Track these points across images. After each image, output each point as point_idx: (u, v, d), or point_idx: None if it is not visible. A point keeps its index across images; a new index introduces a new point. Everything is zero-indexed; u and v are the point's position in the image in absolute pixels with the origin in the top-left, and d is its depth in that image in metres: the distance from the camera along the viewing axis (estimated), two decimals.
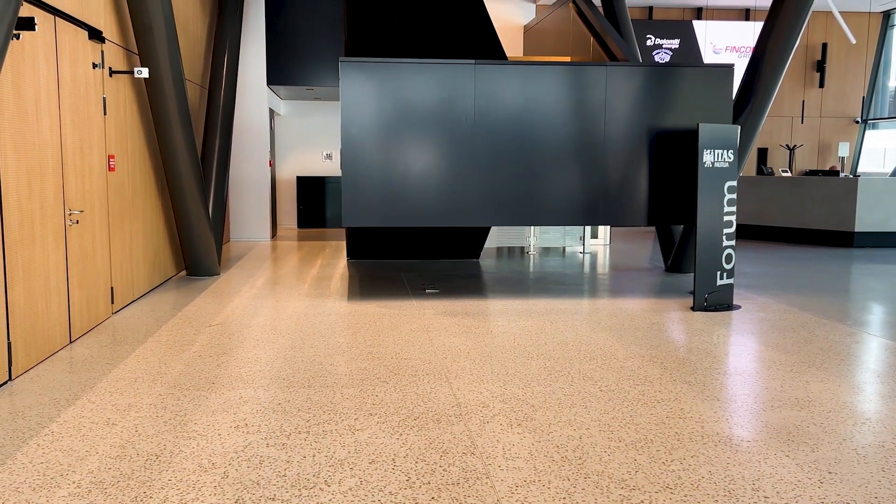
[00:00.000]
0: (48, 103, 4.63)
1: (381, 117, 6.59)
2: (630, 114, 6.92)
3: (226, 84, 9.35)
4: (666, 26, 15.33)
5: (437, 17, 10.18)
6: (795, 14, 7.51)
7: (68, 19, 5.00)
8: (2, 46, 3.33)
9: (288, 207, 13.78)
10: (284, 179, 13.68)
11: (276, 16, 11.21)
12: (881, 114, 16.59)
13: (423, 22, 10.09)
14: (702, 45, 15.25)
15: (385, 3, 10.16)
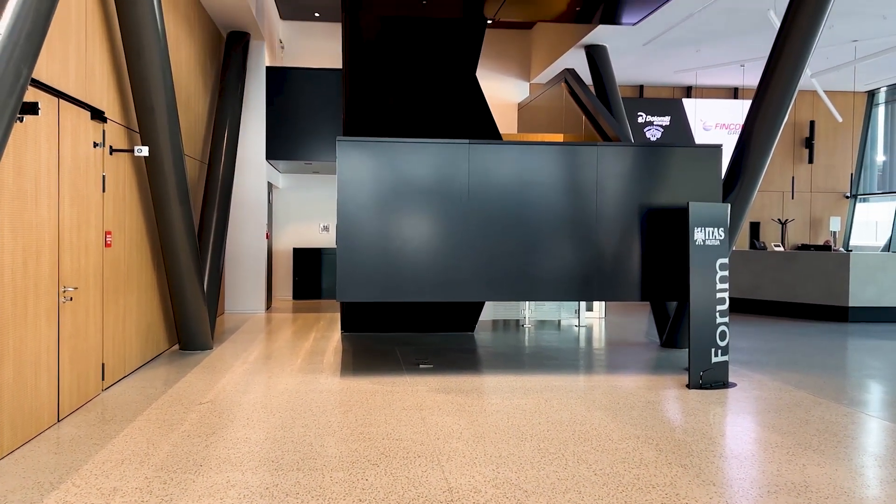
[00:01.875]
0: (48, 183, 4.70)
1: (377, 194, 6.68)
2: (621, 191, 7.03)
3: (225, 159, 9.51)
4: (657, 104, 15.71)
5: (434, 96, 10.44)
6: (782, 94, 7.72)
7: (72, 101, 5.13)
8: (5, 131, 3.41)
9: (284, 279, 13.80)
10: (281, 251, 13.76)
11: (277, 93, 11.49)
12: (870, 189, 16.85)
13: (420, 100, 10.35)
14: (692, 122, 15.61)
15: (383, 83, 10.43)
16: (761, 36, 11.63)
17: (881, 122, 16.73)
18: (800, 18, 7.45)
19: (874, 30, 11.61)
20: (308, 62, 13.65)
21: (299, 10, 13.44)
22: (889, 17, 10.90)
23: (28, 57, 3.55)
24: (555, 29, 13.51)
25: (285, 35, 14.25)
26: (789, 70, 7.62)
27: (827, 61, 13.34)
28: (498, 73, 15.36)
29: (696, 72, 14.63)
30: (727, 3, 10.16)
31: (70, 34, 5.11)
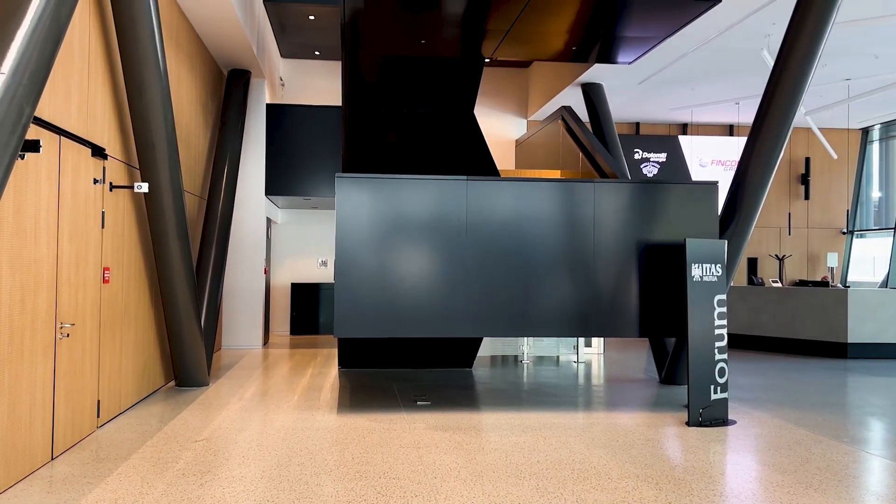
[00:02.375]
0: (47, 219, 4.72)
1: (375, 231, 6.71)
2: (619, 228, 7.06)
3: (224, 195, 9.56)
4: (653, 141, 15.86)
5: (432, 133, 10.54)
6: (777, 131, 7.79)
7: (73, 138, 5.17)
8: (6, 169, 3.44)
9: (281, 314, 13.77)
10: (279, 286, 13.74)
11: (277, 129, 11.59)
12: (866, 225, 16.93)
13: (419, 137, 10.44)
14: (688, 158, 15.73)
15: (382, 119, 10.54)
16: (755, 74, 11.79)
17: (876, 159, 16.89)
18: (793, 58, 7.56)
19: (866, 69, 11.78)
20: (308, 99, 13.79)
21: (300, 49, 13.62)
22: (881, 56, 11.06)
23: (31, 96, 3.60)
24: (551, 67, 13.70)
25: (286, 73, 14.43)
26: (783, 108, 7.71)
27: (821, 99, 13.51)
28: (496, 109, 15.52)
29: (691, 109, 14.80)
30: (721, 43, 10.32)
31: (73, 72, 5.18)
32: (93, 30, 5.57)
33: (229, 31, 8.83)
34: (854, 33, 9.97)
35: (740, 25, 9.49)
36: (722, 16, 8.98)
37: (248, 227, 11.34)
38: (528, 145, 14.94)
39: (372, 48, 9.54)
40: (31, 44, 3.58)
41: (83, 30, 5.37)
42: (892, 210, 16.32)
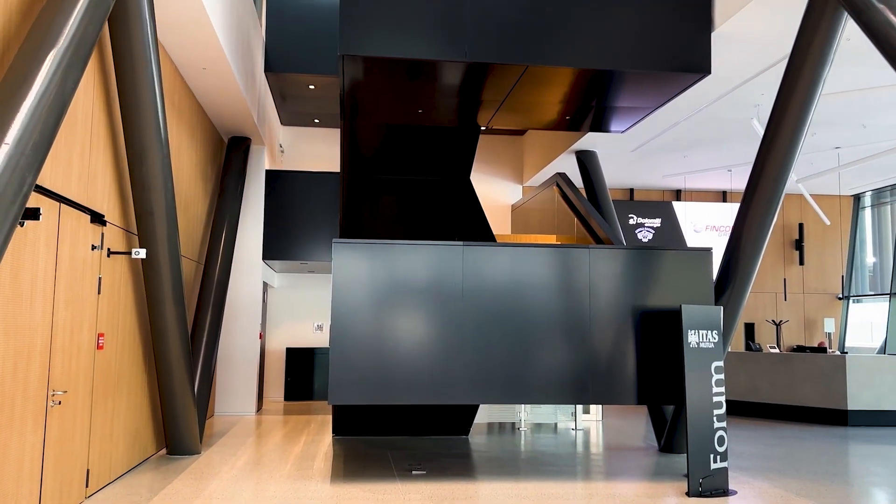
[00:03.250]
0: (44, 286, 4.73)
1: (372, 296, 6.72)
2: (615, 293, 7.08)
3: (221, 260, 9.59)
4: (647, 206, 16.04)
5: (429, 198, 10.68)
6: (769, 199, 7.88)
7: (73, 205, 5.23)
8: (6, 237, 3.47)
9: (276, 379, 13.63)
10: (274, 350, 13.65)
11: (276, 195, 11.71)
12: (862, 290, 16.98)
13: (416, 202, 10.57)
14: (682, 224, 15.88)
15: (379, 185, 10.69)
16: (746, 142, 12.02)
17: (868, 225, 17.06)
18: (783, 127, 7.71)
19: (855, 138, 12.02)
20: (307, 165, 13.98)
21: (300, 117, 13.89)
22: (868, 125, 11.31)
23: (34, 166, 3.66)
24: (546, 135, 13.96)
25: (285, 140, 14.67)
26: (775, 176, 7.82)
27: (811, 167, 13.73)
28: (492, 175, 15.74)
29: (684, 176, 15.02)
30: (711, 112, 10.55)
31: (75, 140, 5.27)
32: (96, 99, 5.69)
33: (231, 100, 9.02)
34: (841, 104, 10.21)
35: (730, 96, 9.73)
36: (712, 87, 9.21)
37: (245, 292, 11.33)
38: (523, 210, 15.09)
39: (370, 117, 9.73)
40: (35, 115, 3.66)
41: (87, 99, 5.49)
42: (886, 275, 16.39)
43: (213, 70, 7.99)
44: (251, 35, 9.64)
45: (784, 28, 7.43)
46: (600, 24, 7.63)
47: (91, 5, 4.26)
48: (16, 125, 3.54)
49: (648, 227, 15.79)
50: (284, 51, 11.14)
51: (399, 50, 7.40)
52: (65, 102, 3.98)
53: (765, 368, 11.81)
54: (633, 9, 7.63)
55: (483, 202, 13.05)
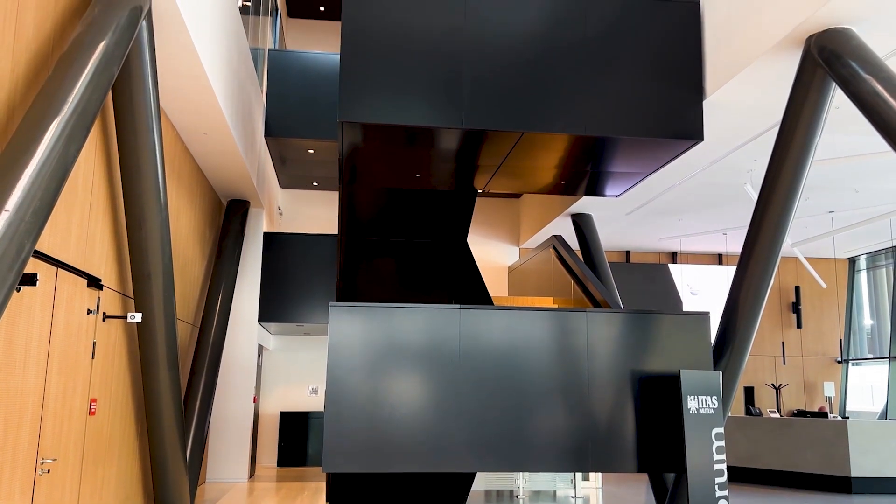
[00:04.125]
0: (38, 351, 4.69)
1: (367, 360, 6.66)
2: (613, 358, 7.03)
3: (217, 323, 9.55)
4: (643, 269, 16.08)
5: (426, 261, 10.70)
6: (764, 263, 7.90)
7: (70, 269, 5.23)
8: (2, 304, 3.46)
9: (269, 444, 13.39)
10: (267, 414, 13.45)
11: (273, 257, 11.74)
12: (861, 353, 16.90)
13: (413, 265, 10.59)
14: (679, 286, 15.90)
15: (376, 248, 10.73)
16: (740, 206, 12.14)
17: (865, 288, 17.09)
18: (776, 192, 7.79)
19: (848, 202, 12.16)
20: (305, 227, 14.06)
21: (298, 180, 14.03)
22: (861, 190, 11.45)
23: (33, 232, 3.68)
24: (542, 198, 14.10)
25: (284, 202, 14.79)
26: (770, 240, 7.87)
27: (806, 230, 13.84)
28: (489, 237, 15.83)
29: (679, 239, 15.11)
30: (705, 178, 10.69)
31: (75, 205, 5.31)
32: (97, 163, 5.76)
33: (231, 164, 9.14)
34: (833, 169, 10.36)
35: (723, 161, 9.87)
36: (705, 153, 9.36)
37: (240, 355, 11.24)
38: (520, 272, 15.11)
39: (368, 181, 9.83)
40: (36, 182, 3.70)
41: (88, 164, 5.56)
42: (884, 338, 16.34)
43: (214, 135, 8.11)
44: (252, 100, 9.83)
45: (774, 97, 7.60)
46: (594, 92, 7.80)
47: (95, 75, 4.36)
48: (17, 192, 3.58)
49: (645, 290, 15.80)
50: (284, 116, 11.33)
51: (397, 117, 7.52)
52: (66, 169, 4.02)
53: (765, 434, 11.65)
54: (626, 77, 7.81)
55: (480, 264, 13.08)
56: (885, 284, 16.54)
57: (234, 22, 8.04)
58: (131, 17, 4.90)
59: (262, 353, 12.70)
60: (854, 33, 6.11)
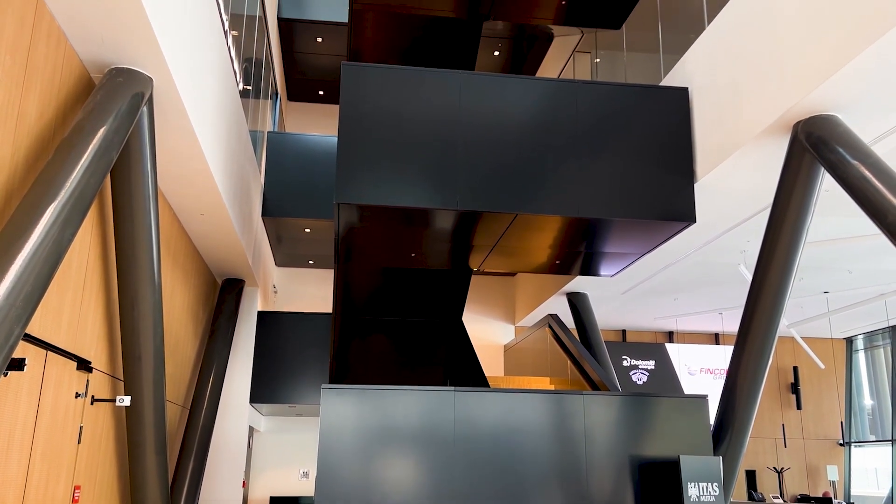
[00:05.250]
0: (22, 438, 4.58)
1: (360, 443, 6.52)
2: (610, 442, 6.89)
3: (207, 405, 9.39)
4: (640, 348, 15.98)
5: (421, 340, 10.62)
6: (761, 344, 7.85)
7: (59, 352, 5.16)
8: None
9: None
10: (257, 499, 13.06)
11: (267, 336, 11.63)
12: (862, 436, 16.62)
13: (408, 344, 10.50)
14: (676, 366, 15.77)
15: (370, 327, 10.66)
16: (735, 286, 12.16)
17: (863, 368, 16.96)
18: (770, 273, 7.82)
19: (842, 283, 12.20)
20: (299, 306, 14.01)
21: (294, 259, 14.07)
22: (854, 271, 11.50)
23: (23, 317, 3.65)
24: (537, 277, 14.13)
25: (279, 280, 14.78)
26: (766, 321, 7.84)
27: (801, 311, 13.83)
28: (484, 316, 15.77)
29: (675, 318, 15.08)
30: (699, 258, 10.75)
31: (68, 287, 5.28)
32: (92, 245, 5.77)
33: (227, 244, 9.17)
34: (826, 250, 10.44)
35: (716, 242, 9.95)
36: (698, 234, 9.43)
37: (230, 437, 10.99)
38: (516, 351, 14.99)
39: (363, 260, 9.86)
40: (29, 267, 3.69)
41: (83, 245, 5.56)
42: (886, 419, 16.11)
43: (211, 216, 8.16)
44: (250, 181, 9.95)
45: (764, 180, 7.71)
46: (587, 175, 7.91)
47: (94, 160, 4.42)
48: (8, 278, 3.56)
49: (643, 369, 15.66)
50: (282, 196, 11.45)
51: (393, 199, 7.60)
52: (60, 253, 4.02)
53: None
54: (618, 160, 7.95)
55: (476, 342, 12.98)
56: (884, 364, 16.42)
57: (235, 106, 8.22)
58: (133, 103, 5.00)
59: (252, 435, 12.42)
60: (840, 120, 6.26)
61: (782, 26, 6.41)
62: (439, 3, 9.07)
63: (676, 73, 8.46)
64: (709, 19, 7.94)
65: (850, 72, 5.65)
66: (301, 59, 14.04)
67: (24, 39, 4.30)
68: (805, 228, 7.16)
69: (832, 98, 6.06)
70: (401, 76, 7.75)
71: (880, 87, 5.85)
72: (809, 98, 6.08)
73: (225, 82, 7.56)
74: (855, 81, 5.79)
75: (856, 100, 6.07)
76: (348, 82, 7.61)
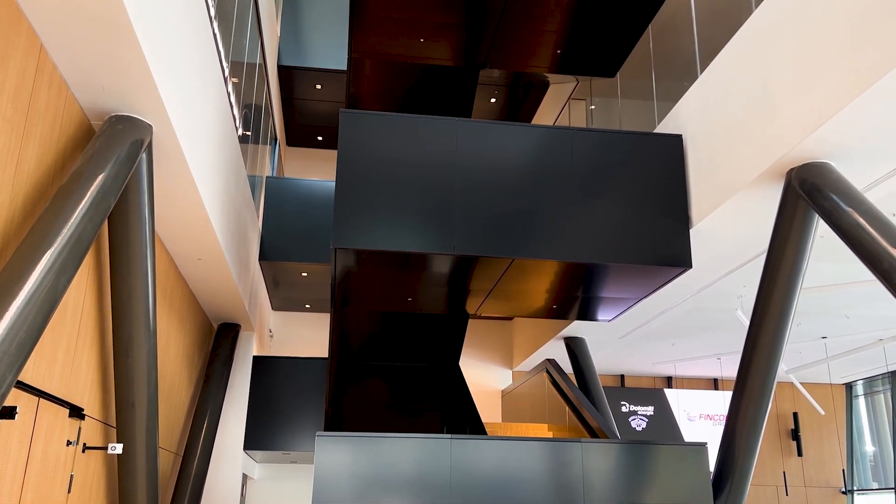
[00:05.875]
0: (11, 488, 4.50)
1: (355, 492, 6.42)
2: (609, 490, 6.80)
3: (201, 452, 9.26)
4: (639, 393, 15.86)
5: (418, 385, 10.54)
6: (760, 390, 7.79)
7: (52, 399, 5.11)
8: None
9: None
10: None
11: (262, 382, 11.52)
12: (865, 482, 16.39)
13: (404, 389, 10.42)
14: (675, 412, 15.63)
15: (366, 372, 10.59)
16: (733, 331, 12.13)
17: (864, 414, 16.81)
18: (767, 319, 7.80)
19: (840, 328, 12.17)
20: (295, 350, 13.92)
21: (291, 303, 14.04)
22: (852, 316, 11.49)
23: (15, 365, 3.62)
24: (535, 321, 14.08)
25: (275, 324, 14.72)
26: (764, 367, 7.80)
27: (800, 356, 13.77)
28: (481, 360, 15.67)
29: (674, 363, 15.00)
30: (696, 303, 10.74)
31: (62, 334, 5.25)
32: (88, 291, 5.76)
33: (223, 289, 9.15)
34: (823, 296, 10.44)
35: (713, 287, 9.95)
36: (694, 279, 9.44)
37: (223, 486, 10.81)
38: (513, 396, 14.86)
39: (360, 304, 9.84)
40: (23, 315, 3.67)
41: (79, 292, 5.55)
42: (888, 466, 15.91)
43: (208, 261, 8.17)
44: (248, 225, 9.98)
45: (759, 226, 7.75)
46: (583, 220, 7.96)
47: (92, 207, 4.44)
48: (2, 325, 3.54)
49: (641, 415, 15.52)
50: (279, 240, 11.47)
51: (390, 243, 7.63)
52: (55, 301, 4.01)
53: None
54: (613, 206, 8.00)
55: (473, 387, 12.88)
56: (885, 410, 16.29)
57: (234, 151, 8.30)
58: (132, 150, 5.05)
59: (246, 482, 12.22)
60: (833, 167, 6.32)
61: (774, 75, 6.52)
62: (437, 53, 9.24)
63: (670, 120, 8.58)
64: (701, 68, 8.08)
65: (841, 120, 5.73)
66: (300, 105, 14.22)
67: (27, 88, 4.36)
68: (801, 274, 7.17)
69: (825, 146, 6.13)
70: (398, 123, 7.84)
71: (872, 135, 5.93)
72: (802, 146, 6.15)
73: (224, 128, 7.64)
74: (847, 129, 5.87)
75: (848, 147, 6.14)
76: (346, 129, 7.70)
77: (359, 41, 8.90)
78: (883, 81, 5.21)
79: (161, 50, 4.91)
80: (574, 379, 12.66)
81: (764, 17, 6.75)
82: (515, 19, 8.58)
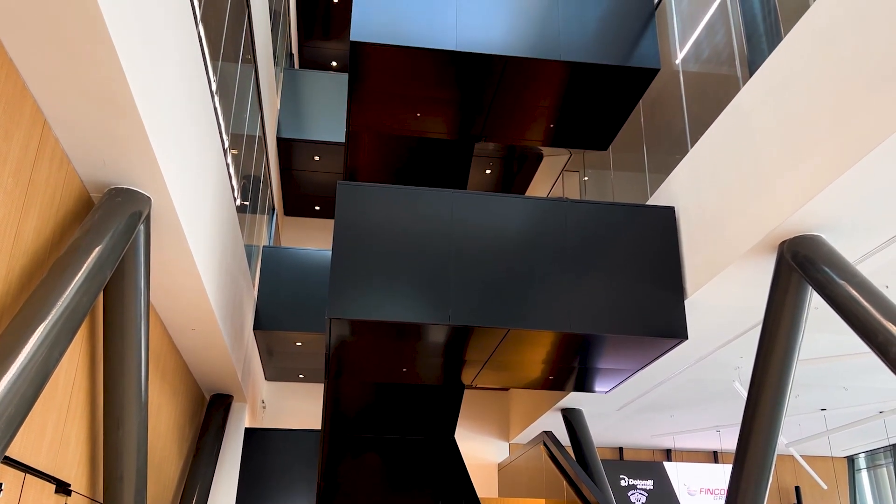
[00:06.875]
0: None
1: None
2: None
3: None
4: (638, 467, 15.56)
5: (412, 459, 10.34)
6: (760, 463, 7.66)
7: (39, 475, 5.00)
8: None
9: None
10: None
11: (253, 454, 11.31)
12: None
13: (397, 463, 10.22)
14: (675, 485, 15.31)
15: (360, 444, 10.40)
16: (731, 403, 12.01)
17: (867, 488, 16.48)
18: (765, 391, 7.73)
19: (840, 400, 12.06)
20: (288, 421, 13.71)
21: (284, 373, 13.90)
22: (850, 388, 11.40)
23: (3, 441, 3.56)
24: (531, 392, 13.93)
25: (268, 394, 14.53)
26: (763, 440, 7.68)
27: (800, 428, 13.60)
28: (477, 432, 15.43)
29: (673, 436, 14.77)
30: (693, 374, 10.66)
31: (52, 408, 5.18)
32: (80, 364, 5.71)
33: (217, 359, 9.08)
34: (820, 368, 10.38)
35: (710, 358, 9.90)
36: (690, 350, 9.41)
37: None
38: (510, 470, 14.56)
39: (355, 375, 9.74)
40: (13, 389, 3.64)
41: (71, 364, 5.50)
42: None
43: (202, 331, 8.13)
44: (243, 295, 9.97)
45: (754, 297, 7.77)
46: (577, 291, 7.98)
47: (87, 279, 4.44)
48: None
49: (641, 489, 15.19)
50: (275, 310, 11.44)
51: (385, 313, 7.61)
52: (47, 374, 3.97)
53: None
54: (608, 277, 8.03)
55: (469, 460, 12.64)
56: (888, 484, 15.98)
57: (231, 222, 8.36)
58: (130, 222, 5.09)
59: None
60: (824, 240, 6.38)
61: (763, 149, 6.65)
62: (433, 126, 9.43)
63: (662, 192, 8.70)
64: (692, 141, 8.25)
65: (831, 194, 5.82)
66: (299, 175, 14.42)
67: (29, 161, 4.43)
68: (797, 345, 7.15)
69: (816, 218, 6.20)
70: (394, 194, 7.94)
71: (862, 208, 6.00)
72: (793, 219, 6.22)
73: (223, 199, 7.72)
74: (837, 203, 5.95)
75: (839, 220, 6.21)
76: (343, 200, 7.79)
77: (356, 115, 9.09)
78: (871, 155, 5.29)
79: (163, 125, 5.01)
80: (572, 451, 12.45)
81: (752, 92, 6.93)
82: (509, 95, 8.80)
